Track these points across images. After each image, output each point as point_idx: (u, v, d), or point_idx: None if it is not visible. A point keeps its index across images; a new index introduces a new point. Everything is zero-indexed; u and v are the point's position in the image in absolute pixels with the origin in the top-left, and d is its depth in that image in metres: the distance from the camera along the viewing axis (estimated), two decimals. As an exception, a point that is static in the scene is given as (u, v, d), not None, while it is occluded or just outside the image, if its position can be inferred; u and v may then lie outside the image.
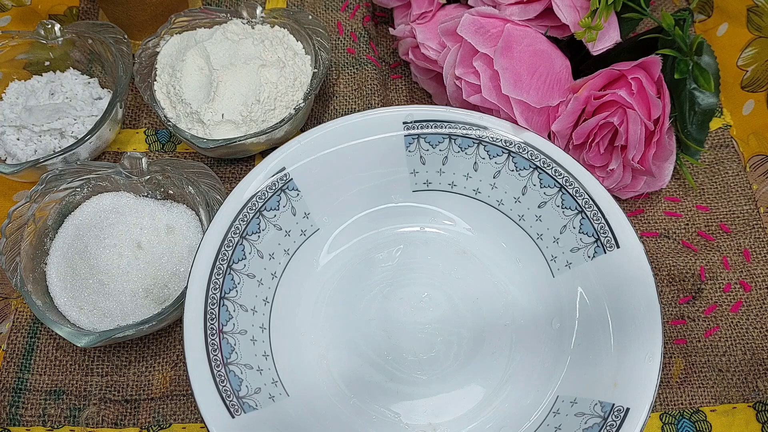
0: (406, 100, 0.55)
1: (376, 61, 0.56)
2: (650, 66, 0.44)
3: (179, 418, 0.43)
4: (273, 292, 0.43)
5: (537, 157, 0.43)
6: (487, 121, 0.44)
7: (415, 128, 0.44)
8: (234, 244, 0.41)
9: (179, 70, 0.49)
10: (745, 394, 0.44)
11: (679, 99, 0.47)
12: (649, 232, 0.49)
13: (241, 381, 0.38)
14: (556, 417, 0.39)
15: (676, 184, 0.50)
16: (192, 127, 0.48)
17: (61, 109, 0.50)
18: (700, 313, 0.46)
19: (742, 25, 0.50)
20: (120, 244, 0.44)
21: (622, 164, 0.45)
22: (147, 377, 0.45)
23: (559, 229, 0.43)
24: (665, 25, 0.45)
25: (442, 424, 0.41)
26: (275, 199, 0.43)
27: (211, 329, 0.38)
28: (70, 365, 0.45)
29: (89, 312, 0.43)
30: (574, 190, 0.42)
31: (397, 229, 0.47)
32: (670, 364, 0.45)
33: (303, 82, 0.50)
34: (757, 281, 0.47)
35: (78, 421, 0.43)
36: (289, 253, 0.44)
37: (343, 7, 0.58)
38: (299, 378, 0.41)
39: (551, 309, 0.43)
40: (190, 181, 0.46)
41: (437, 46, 0.48)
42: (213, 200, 0.46)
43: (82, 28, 0.52)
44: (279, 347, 0.42)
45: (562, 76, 0.45)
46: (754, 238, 0.48)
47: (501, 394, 0.42)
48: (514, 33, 0.44)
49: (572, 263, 0.43)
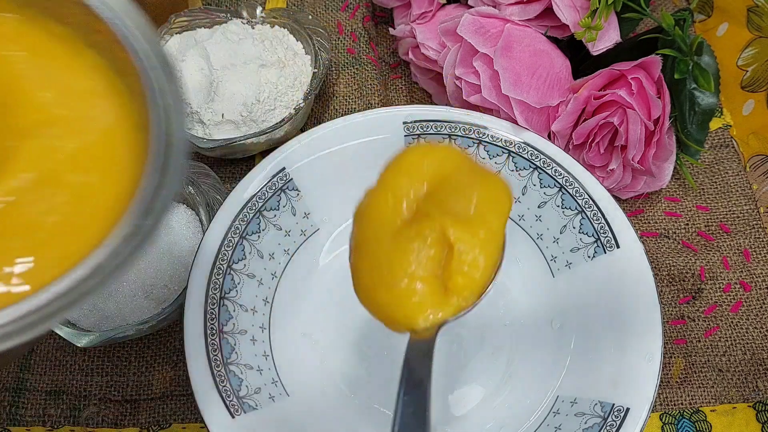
0: (406, 100, 0.55)
1: (376, 61, 0.56)
2: (650, 66, 0.44)
3: (179, 418, 0.43)
4: (273, 292, 0.43)
5: (537, 157, 0.43)
6: (487, 121, 0.44)
7: (415, 128, 0.44)
8: (234, 244, 0.41)
9: (179, 70, 0.49)
10: (745, 394, 0.44)
11: (679, 99, 0.47)
12: (649, 232, 0.49)
13: (241, 381, 0.38)
14: (556, 417, 0.39)
15: (676, 184, 0.50)
16: (192, 127, 0.48)
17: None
18: (700, 313, 0.46)
19: (742, 25, 0.50)
20: (120, 244, 0.44)
21: (622, 164, 0.45)
22: (147, 377, 0.45)
23: (559, 229, 0.43)
24: (665, 25, 0.45)
25: (442, 424, 0.41)
26: (275, 199, 0.43)
27: (211, 329, 0.38)
28: (70, 365, 0.45)
29: (89, 312, 0.43)
30: (574, 190, 0.42)
31: (397, 229, 0.47)
32: (670, 364, 0.45)
33: (303, 82, 0.50)
34: (757, 281, 0.47)
35: (78, 421, 0.43)
36: (289, 253, 0.44)
37: (343, 7, 0.58)
38: (299, 378, 0.41)
39: (551, 309, 0.43)
40: (190, 181, 0.46)
41: (437, 46, 0.48)
42: (213, 200, 0.46)
43: (82, 28, 0.52)
44: (279, 347, 0.42)
45: (562, 76, 0.45)
46: (754, 238, 0.48)
47: (501, 394, 0.42)
48: (514, 33, 0.44)
49: (572, 263, 0.43)
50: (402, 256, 0.29)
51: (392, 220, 0.30)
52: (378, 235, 0.30)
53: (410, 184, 0.30)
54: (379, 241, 0.30)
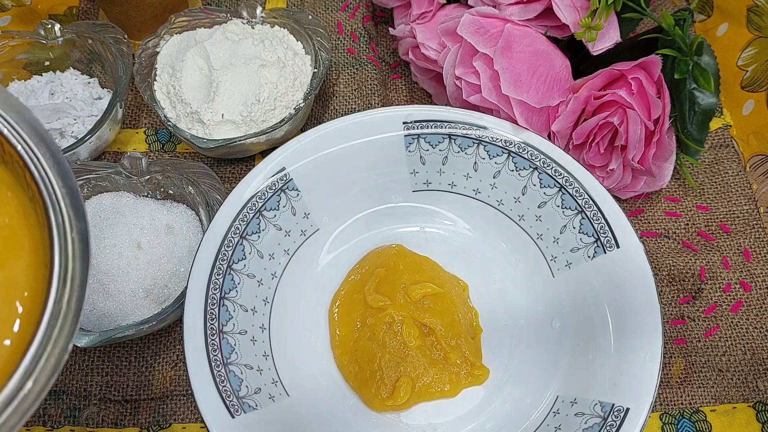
0: (406, 100, 0.55)
1: (376, 61, 0.56)
2: (650, 66, 0.44)
3: (179, 418, 0.43)
4: (273, 292, 0.43)
5: (537, 157, 0.43)
6: (487, 121, 0.44)
7: (415, 128, 0.44)
8: (234, 244, 0.41)
9: (179, 70, 0.49)
10: (745, 394, 0.44)
11: (679, 99, 0.47)
12: (649, 232, 0.49)
13: (241, 381, 0.38)
14: (556, 417, 0.39)
15: (676, 184, 0.50)
16: (192, 127, 0.48)
17: (61, 109, 0.50)
18: (700, 313, 0.46)
19: (742, 25, 0.50)
20: (120, 244, 0.44)
21: (622, 164, 0.45)
22: (147, 377, 0.45)
23: (559, 229, 0.43)
24: (665, 25, 0.45)
25: (442, 424, 0.41)
26: (275, 199, 0.43)
27: (211, 329, 0.38)
28: (70, 365, 0.45)
29: (89, 312, 0.43)
30: (574, 190, 0.42)
31: (397, 230, 0.47)
32: (670, 364, 0.45)
33: (303, 82, 0.50)
34: (757, 281, 0.47)
35: (78, 421, 0.43)
36: (289, 253, 0.44)
37: (343, 7, 0.58)
38: (299, 378, 0.41)
39: (551, 309, 0.43)
40: (190, 181, 0.46)
41: (437, 46, 0.48)
42: (213, 200, 0.46)
43: (82, 28, 0.52)
44: (279, 347, 0.42)
45: (562, 76, 0.45)
46: (754, 238, 0.48)
47: (501, 394, 0.42)
48: (514, 33, 0.44)
49: (572, 263, 0.43)
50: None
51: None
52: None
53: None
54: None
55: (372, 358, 0.41)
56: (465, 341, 0.42)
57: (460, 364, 0.42)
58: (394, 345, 0.42)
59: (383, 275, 0.44)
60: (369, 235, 0.47)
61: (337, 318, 0.44)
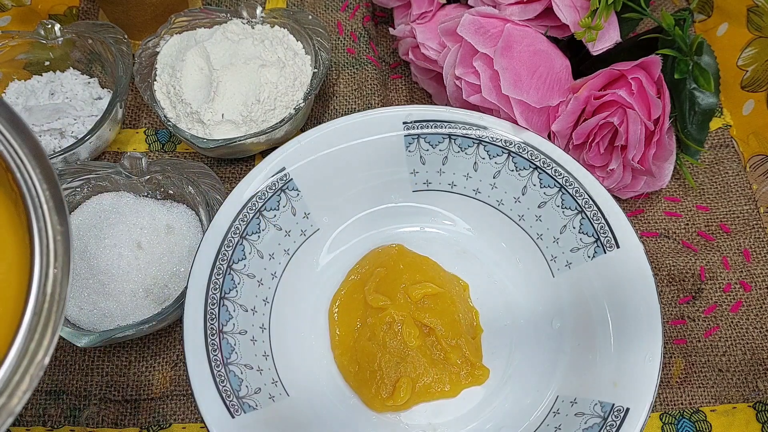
0: (406, 100, 0.55)
1: (376, 61, 0.56)
2: (650, 66, 0.44)
3: (179, 418, 0.43)
4: (273, 292, 0.43)
5: (537, 157, 0.43)
6: (487, 121, 0.44)
7: (415, 128, 0.44)
8: (234, 244, 0.41)
9: (179, 70, 0.49)
10: (745, 394, 0.44)
11: (679, 99, 0.47)
12: (649, 232, 0.49)
13: (241, 381, 0.38)
14: (556, 417, 0.39)
15: (676, 184, 0.50)
16: (192, 127, 0.48)
17: (61, 109, 0.50)
18: (700, 313, 0.46)
19: (742, 25, 0.50)
20: (120, 244, 0.44)
21: (622, 164, 0.45)
22: (147, 377, 0.45)
23: (559, 229, 0.43)
24: (665, 25, 0.45)
25: (442, 424, 0.41)
26: (275, 199, 0.43)
27: (211, 329, 0.38)
28: (70, 365, 0.45)
29: (89, 312, 0.43)
30: (574, 190, 0.42)
31: (397, 230, 0.47)
32: (670, 364, 0.45)
33: (303, 82, 0.50)
34: (757, 281, 0.47)
35: (78, 421, 0.43)
36: (289, 253, 0.44)
37: (343, 7, 0.58)
38: (299, 378, 0.41)
39: (551, 309, 0.43)
40: (190, 181, 0.46)
41: (437, 46, 0.48)
42: (213, 200, 0.46)
43: (82, 28, 0.52)
44: (279, 347, 0.42)
45: (562, 76, 0.45)
46: (754, 238, 0.48)
47: (501, 394, 0.42)
48: (514, 33, 0.44)
49: (572, 263, 0.43)
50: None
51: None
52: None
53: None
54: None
55: (372, 358, 0.41)
56: (465, 341, 0.42)
57: (461, 364, 0.42)
58: (394, 345, 0.42)
59: (383, 275, 0.44)
60: (369, 235, 0.47)
61: (337, 318, 0.44)
